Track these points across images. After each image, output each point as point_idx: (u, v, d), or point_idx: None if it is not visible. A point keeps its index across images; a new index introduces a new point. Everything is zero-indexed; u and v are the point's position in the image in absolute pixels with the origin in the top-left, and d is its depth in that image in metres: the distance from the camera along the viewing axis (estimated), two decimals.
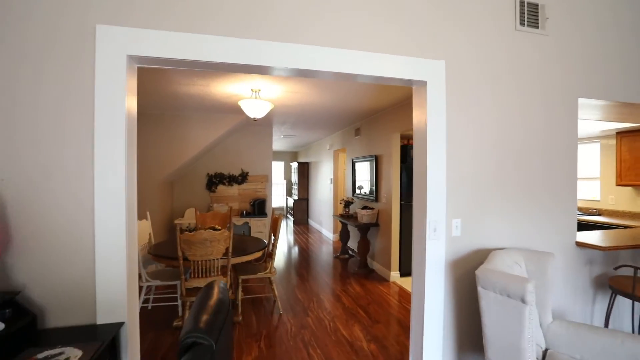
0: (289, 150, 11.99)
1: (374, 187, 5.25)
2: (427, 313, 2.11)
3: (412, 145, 5.17)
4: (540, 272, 2.09)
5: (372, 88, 3.79)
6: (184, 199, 6.09)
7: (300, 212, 10.30)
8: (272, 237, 3.79)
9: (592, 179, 5.46)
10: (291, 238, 8.05)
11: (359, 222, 5.22)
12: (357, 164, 6.11)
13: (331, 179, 7.72)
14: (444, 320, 2.16)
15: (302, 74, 1.94)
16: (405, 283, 4.64)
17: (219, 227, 3.37)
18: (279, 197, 12.73)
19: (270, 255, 3.66)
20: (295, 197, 10.39)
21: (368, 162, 5.54)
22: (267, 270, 3.55)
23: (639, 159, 4.51)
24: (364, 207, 5.35)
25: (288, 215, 11.74)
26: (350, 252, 6.02)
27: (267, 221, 6.07)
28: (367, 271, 5.20)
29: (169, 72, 3.18)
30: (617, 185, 4.76)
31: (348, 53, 1.89)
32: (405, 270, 4.93)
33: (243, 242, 3.71)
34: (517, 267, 2.03)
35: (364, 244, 5.20)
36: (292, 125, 6.24)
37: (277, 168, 12.68)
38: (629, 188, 4.88)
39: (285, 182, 12.52)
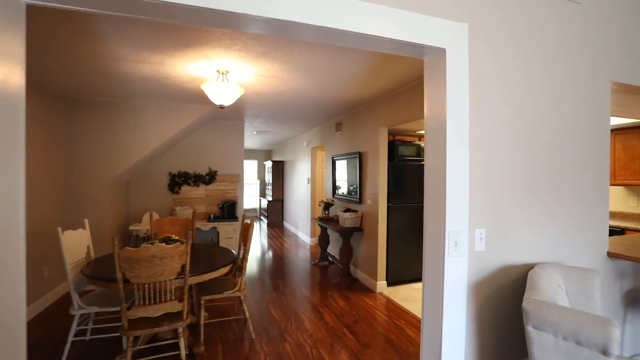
0: (262, 148, 11.33)
1: (358, 188, 4.76)
2: (445, 351, 1.61)
3: (400, 141, 4.73)
4: (586, 295, 1.65)
5: (357, 75, 3.29)
6: (142, 201, 5.32)
7: (275, 213, 9.68)
8: (243, 247, 3.19)
9: None
10: (265, 242, 7.43)
11: (341, 226, 4.71)
12: (338, 162, 5.60)
13: (308, 179, 7.18)
14: None
15: (281, 30, 1.38)
16: (393, 294, 4.17)
17: (176, 237, 2.74)
18: (252, 198, 12.02)
19: (241, 269, 3.07)
20: (270, 198, 9.76)
21: (351, 160, 5.05)
22: (237, 288, 2.95)
23: (634, 158, 4.30)
24: (347, 210, 4.85)
25: (262, 217, 11.07)
26: (330, 258, 5.51)
27: (237, 226, 5.43)
28: (350, 280, 4.70)
29: (111, 42, 2.51)
30: (612, 184, 4.54)
31: (339, 1, 1.36)
32: (393, 280, 4.48)
33: (207, 255, 3.08)
34: (560, 290, 1.58)
35: (347, 251, 4.69)
36: (267, 119, 5.64)
37: (250, 167, 11.97)
38: (621, 188, 4.69)
39: (258, 182, 11.83)
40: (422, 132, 4.97)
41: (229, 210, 5.50)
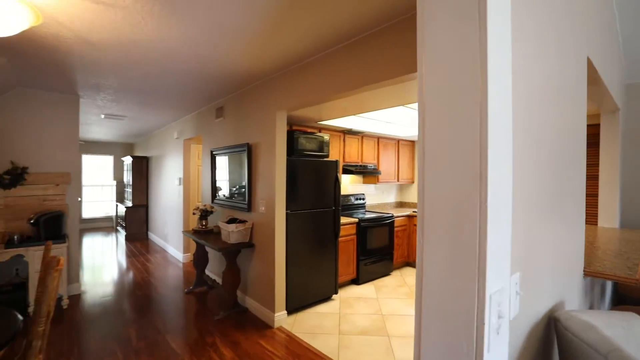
0: (121, 140, 8.96)
1: (247, 191, 3.67)
2: None
3: (302, 132, 3.85)
4: None
5: (250, 30, 2.23)
6: None
7: (137, 223, 7.64)
8: (44, 296, 1.74)
9: None
10: (120, 262, 5.56)
11: (224, 242, 3.54)
12: (219, 158, 4.38)
13: (180, 179, 5.66)
14: None
15: None
16: (297, 326, 3.25)
17: None
18: (106, 204, 9.45)
19: (31, 344, 1.64)
20: (129, 204, 7.66)
21: (236, 155, 3.91)
22: None
23: None
24: (231, 220, 3.70)
25: (118, 227, 8.73)
26: (209, 282, 4.23)
27: (64, 249, 3.64)
28: (238, 313, 3.57)
29: None
30: None
31: None
32: (295, 305, 3.55)
33: None
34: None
35: (232, 274, 3.54)
36: (116, 94, 3.98)
37: (104, 164, 9.38)
38: None
39: (115, 183, 9.36)
40: (326, 122, 4.21)
41: (48, 226, 3.64)
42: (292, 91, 3.03)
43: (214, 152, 4.43)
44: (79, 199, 7.72)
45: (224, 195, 4.26)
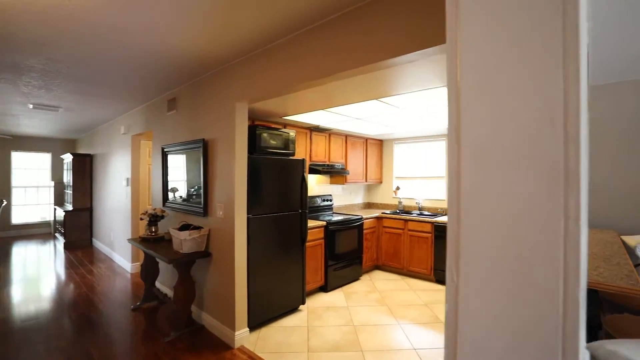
0: (60, 136, 8.01)
1: (203, 193, 3.25)
2: None
3: (265, 127, 3.50)
4: None
5: (206, 7, 1.87)
6: None
7: (79, 229, 6.82)
8: None
9: (438, 178, 5.30)
10: (58, 274, 4.84)
11: (176, 251, 3.09)
12: (171, 156, 3.89)
13: (128, 180, 5.06)
14: None
15: None
16: (261, 345, 2.89)
17: None
18: (43, 208, 8.42)
19: None
20: (70, 207, 6.83)
21: (191, 152, 3.47)
22: None
23: None
24: (184, 226, 3.26)
25: (57, 234, 7.78)
26: (160, 296, 3.74)
27: None
28: (192, 332, 3.14)
29: None
30: None
31: None
32: (258, 320, 3.19)
33: None
34: None
35: (185, 287, 3.11)
36: (43, 80, 3.37)
37: (41, 162, 8.35)
38: None
39: (53, 184, 8.35)
40: (292, 117, 3.88)
41: None
42: (254, 80, 2.67)
43: (165, 149, 3.93)
44: (3, 202, 6.76)
45: (178, 198, 3.79)
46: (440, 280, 4.54)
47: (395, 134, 5.23)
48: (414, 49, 1.71)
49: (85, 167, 6.91)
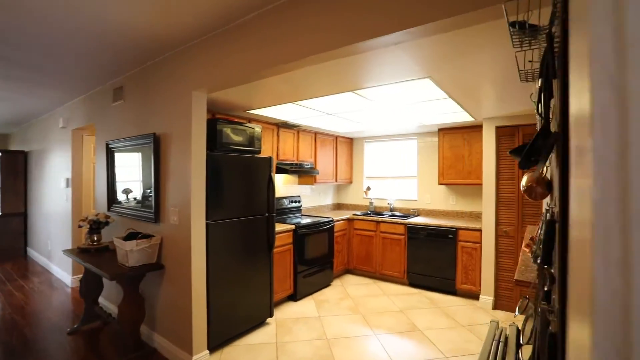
0: None
1: (154, 195, 2.82)
2: None
3: (227, 120, 3.13)
4: None
5: None
6: None
7: (10, 236, 5.96)
8: None
9: (409, 177, 5.18)
10: None
11: (121, 265, 2.64)
12: (118, 153, 3.40)
13: (68, 180, 4.43)
14: None
15: None
16: None
17: None
18: None
19: None
20: None
21: (140, 149, 3.02)
22: None
23: (460, 157, 4.33)
24: (131, 235, 2.80)
25: None
26: (104, 316, 3.24)
27: None
28: (141, 357, 2.70)
29: None
30: (440, 184, 4.49)
31: None
32: (220, 340, 2.82)
33: None
34: None
35: (133, 306, 2.66)
36: None
37: None
38: (443, 187, 4.76)
39: None
40: (257, 112, 3.52)
41: None
42: (214, 65, 2.31)
43: (110, 146, 3.42)
44: None
45: (132, 201, 3.31)
46: (413, 283, 4.40)
47: (366, 132, 5.03)
48: (394, 29, 1.47)
49: (17, 166, 6.06)
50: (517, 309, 1.35)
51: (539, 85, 0.87)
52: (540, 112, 0.88)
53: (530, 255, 1.39)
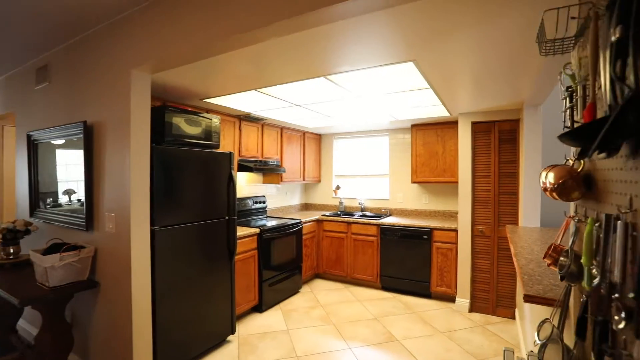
0: None
1: (85, 198, 2.31)
2: None
3: (178, 108, 2.71)
4: None
5: None
6: None
7: None
8: None
9: (381, 176, 4.96)
10: None
11: (41, 284, 2.12)
12: (42, 145, 2.82)
13: None
14: None
15: None
16: None
17: None
18: None
19: None
20: None
21: (70, 141, 2.49)
22: None
23: (433, 154, 4.16)
24: (54, 246, 2.27)
25: None
26: (20, 347, 2.65)
27: None
28: None
29: None
30: (413, 182, 4.30)
31: None
32: None
33: None
34: None
35: (55, 335, 2.15)
36: None
37: None
38: (416, 185, 4.58)
39: None
40: (218, 101, 3.08)
41: None
42: (158, 38, 1.88)
43: (33, 137, 2.84)
44: None
45: (52, 205, 2.74)
46: (387, 287, 4.17)
47: (336, 127, 4.74)
48: None
49: None
50: (536, 334, 1.09)
51: (617, 35, 0.59)
52: (616, 74, 0.60)
53: (554, 268, 1.13)
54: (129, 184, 2.01)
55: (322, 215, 4.69)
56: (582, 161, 0.97)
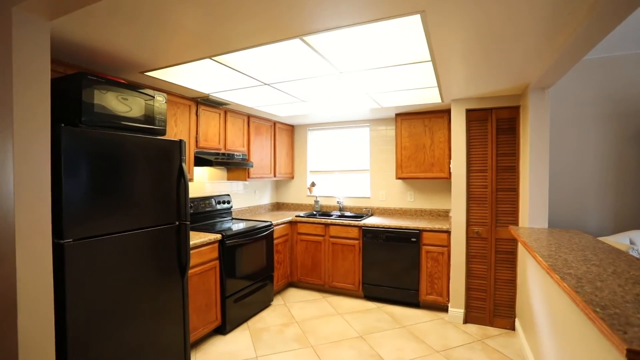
0: None
1: None
2: None
3: (104, 78, 2.05)
4: None
5: None
6: None
7: None
8: None
9: (361, 171, 4.47)
10: None
11: None
12: None
13: None
14: None
15: None
16: None
17: None
18: None
19: None
20: None
21: None
22: None
23: (420, 147, 3.72)
24: None
25: None
26: None
27: None
28: None
29: None
30: (398, 178, 3.84)
31: None
32: None
33: None
34: None
35: None
36: None
37: None
38: (400, 181, 4.14)
39: None
40: (166, 77, 2.42)
41: None
42: None
43: None
44: None
45: None
46: (370, 296, 3.70)
47: (311, 116, 4.19)
48: None
49: None
50: None
51: None
52: None
53: None
54: (10, 180, 1.35)
55: (296, 216, 4.13)
56: None
